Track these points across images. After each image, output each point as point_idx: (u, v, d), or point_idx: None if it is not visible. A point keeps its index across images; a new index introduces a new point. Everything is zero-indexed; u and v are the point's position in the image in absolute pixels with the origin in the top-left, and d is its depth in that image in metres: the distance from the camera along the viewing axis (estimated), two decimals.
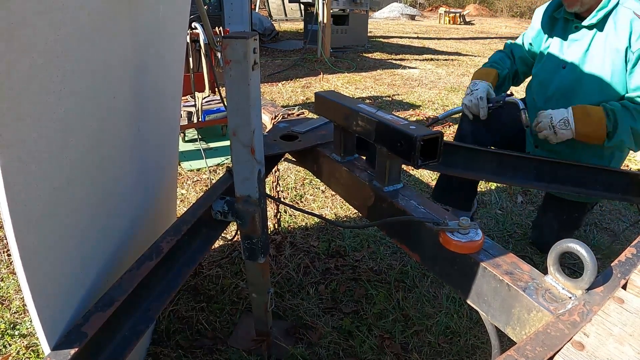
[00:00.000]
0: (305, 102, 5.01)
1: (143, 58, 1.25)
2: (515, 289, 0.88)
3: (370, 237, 2.28)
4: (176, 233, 1.12)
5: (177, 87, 1.80)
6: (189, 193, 2.73)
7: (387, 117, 1.22)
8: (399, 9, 20.43)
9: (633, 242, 1.01)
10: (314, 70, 6.84)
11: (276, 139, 1.62)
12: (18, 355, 1.51)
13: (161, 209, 1.68)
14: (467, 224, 0.99)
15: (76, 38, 0.85)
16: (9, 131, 0.67)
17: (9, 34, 0.65)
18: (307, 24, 8.84)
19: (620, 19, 1.68)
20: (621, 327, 0.76)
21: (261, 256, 1.29)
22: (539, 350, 0.73)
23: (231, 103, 1.05)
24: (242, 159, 1.12)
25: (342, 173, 1.44)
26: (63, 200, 0.86)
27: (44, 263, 0.81)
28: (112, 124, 1.08)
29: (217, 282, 1.91)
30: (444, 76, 6.94)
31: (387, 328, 1.70)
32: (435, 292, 1.89)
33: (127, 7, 1.10)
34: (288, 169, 3.07)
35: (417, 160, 1.09)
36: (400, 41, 11.41)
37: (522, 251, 2.25)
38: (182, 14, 1.73)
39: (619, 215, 2.69)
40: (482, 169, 1.75)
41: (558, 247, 0.85)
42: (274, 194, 2.09)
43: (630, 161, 3.56)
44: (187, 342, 1.59)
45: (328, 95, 1.46)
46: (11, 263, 1.96)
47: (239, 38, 0.97)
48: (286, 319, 1.73)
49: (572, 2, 1.76)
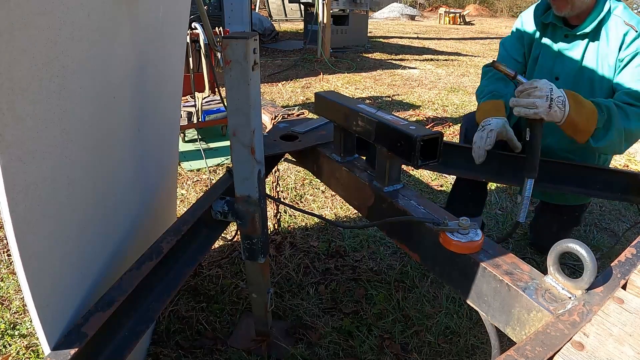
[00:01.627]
0: (305, 102, 5.01)
1: (143, 58, 1.25)
2: (515, 289, 0.88)
3: (370, 237, 2.28)
4: (176, 233, 1.12)
5: (177, 87, 1.80)
6: (189, 193, 2.73)
7: (387, 117, 1.22)
8: (399, 9, 20.45)
9: (633, 243, 1.01)
10: (314, 71, 6.84)
11: (276, 139, 1.62)
12: (18, 355, 1.51)
13: (161, 209, 1.68)
14: (467, 224, 0.99)
15: (76, 38, 0.85)
16: (9, 131, 0.67)
17: (9, 34, 0.65)
18: (307, 24, 8.84)
19: (612, 28, 1.61)
20: (621, 327, 0.76)
21: (261, 256, 1.29)
22: (539, 351, 0.73)
23: (231, 103, 1.05)
24: (242, 159, 1.12)
25: (342, 173, 1.44)
26: (63, 200, 0.86)
27: (44, 263, 0.81)
28: (112, 124, 1.08)
29: (217, 282, 1.91)
30: (443, 76, 6.94)
31: (387, 328, 1.70)
32: (435, 292, 1.89)
33: (127, 7, 1.10)
34: (288, 169, 3.07)
35: (417, 160, 1.10)
36: (400, 41, 11.41)
37: (522, 251, 2.25)
38: (182, 14, 1.73)
39: (618, 215, 2.69)
40: (482, 169, 1.75)
41: (558, 247, 0.85)
42: (274, 194, 2.09)
43: (630, 161, 3.56)
44: (187, 342, 1.59)
45: (328, 96, 1.46)
46: (11, 263, 1.96)
47: (239, 38, 0.97)
48: (286, 319, 1.73)
49: (561, 5, 1.65)
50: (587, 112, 1.45)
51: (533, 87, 1.40)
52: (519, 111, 1.42)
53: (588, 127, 1.45)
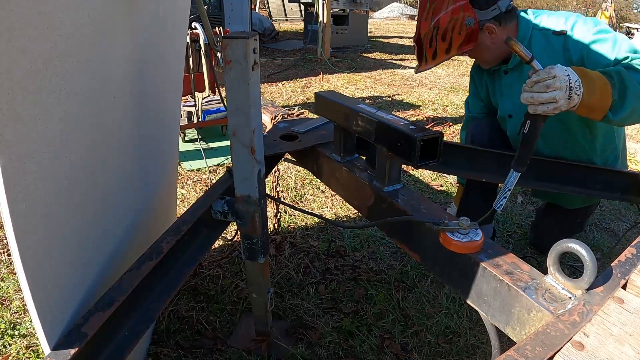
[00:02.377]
0: (305, 102, 5.01)
1: (143, 58, 1.25)
2: (515, 289, 0.88)
3: (370, 237, 2.28)
4: (176, 233, 1.12)
5: (177, 87, 1.80)
6: (189, 193, 2.73)
7: (387, 117, 1.22)
8: (399, 9, 20.45)
9: (633, 242, 1.01)
10: (314, 70, 6.84)
11: (276, 139, 1.62)
12: (18, 355, 1.51)
13: (161, 209, 1.68)
14: (467, 224, 0.99)
15: (76, 38, 0.85)
16: (9, 131, 0.67)
17: (9, 34, 0.65)
18: (307, 24, 8.84)
19: (540, 46, 1.55)
20: (621, 327, 0.76)
21: (261, 256, 1.29)
22: (539, 350, 0.73)
23: (231, 103, 1.05)
24: (242, 159, 1.12)
25: (342, 173, 1.44)
26: (63, 201, 0.86)
27: (44, 263, 0.81)
28: (112, 124, 1.08)
29: (217, 282, 1.91)
30: (444, 76, 6.94)
31: (387, 328, 1.70)
32: (435, 292, 1.89)
33: (127, 7, 1.10)
34: (288, 169, 3.07)
35: (417, 160, 1.10)
36: (400, 41, 11.41)
37: (522, 251, 2.25)
38: (182, 14, 1.73)
39: (619, 215, 2.69)
40: (482, 169, 1.75)
41: (558, 247, 0.85)
42: (274, 194, 2.09)
43: (630, 161, 3.56)
44: (187, 342, 1.59)
45: (328, 95, 1.46)
46: (11, 263, 1.96)
47: (239, 38, 0.97)
48: (286, 319, 1.73)
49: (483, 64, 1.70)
50: (599, 88, 1.27)
51: (551, 77, 1.19)
52: (535, 109, 1.22)
53: (603, 104, 1.29)
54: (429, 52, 1.61)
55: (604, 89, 1.27)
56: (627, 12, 22.84)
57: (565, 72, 1.20)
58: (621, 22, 16.26)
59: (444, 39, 1.55)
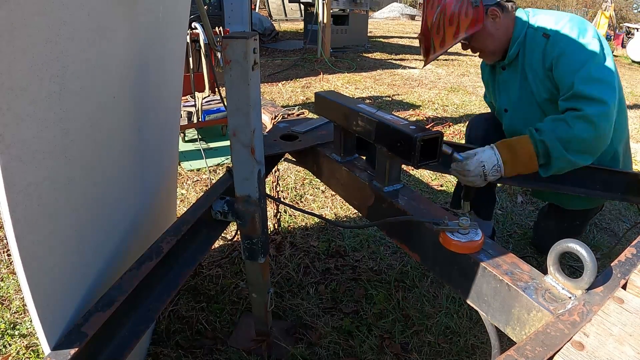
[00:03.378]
0: (305, 102, 5.01)
1: (143, 58, 1.25)
2: (515, 289, 0.88)
3: (370, 237, 2.28)
4: (176, 233, 1.12)
5: (177, 87, 1.80)
6: (189, 193, 2.73)
7: (387, 117, 1.22)
8: (399, 9, 20.47)
9: (633, 242, 1.01)
10: (314, 70, 6.84)
11: (276, 139, 1.62)
12: (18, 355, 1.51)
13: (161, 209, 1.68)
14: (467, 223, 0.99)
15: (76, 38, 0.85)
16: (9, 131, 0.67)
17: (9, 34, 0.65)
18: (307, 24, 8.84)
19: (531, 44, 1.60)
20: (621, 327, 0.76)
21: (261, 256, 1.29)
22: (539, 350, 0.73)
23: (231, 103, 1.05)
24: (242, 159, 1.12)
25: (342, 173, 1.44)
26: (63, 200, 0.86)
27: (44, 263, 0.81)
28: (112, 124, 1.08)
29: (217, 282, 1.91)
30: (444, 76, 6.94)
31: (387, 328, 1.70)
32: (435, 292, 1.89)
33: (127, 7, 1.10)
34: (288, 169, 3.07)
35: (417, 160, 1.10)
36: (400, 41, 11.41)
37: (522, 251, 2.25)
38: (182, 14, 1.73)
39: (618, 215, 2.69)
40: None
41: (558, 247, 0.85)
42: (274, 194, 2.09)
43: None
44: (187, 342, 1.59)
45: (328, 95, 1.46)
46: (11, 263, 1.96)
47: (239, 38, 0.97)
48: (286, 319, 1.73)
49: (486, 59, 1.76)
50: (523, 159, 1.47)
51: (466, 171, 1.46)
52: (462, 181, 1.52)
53: (529, 170, 1.50)
54: (437, 39, 1.64)
55: (528, 161, 1.47)
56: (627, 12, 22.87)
57: (479, 165, 1.44)
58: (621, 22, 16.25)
59: (451, 22, 1.58)
